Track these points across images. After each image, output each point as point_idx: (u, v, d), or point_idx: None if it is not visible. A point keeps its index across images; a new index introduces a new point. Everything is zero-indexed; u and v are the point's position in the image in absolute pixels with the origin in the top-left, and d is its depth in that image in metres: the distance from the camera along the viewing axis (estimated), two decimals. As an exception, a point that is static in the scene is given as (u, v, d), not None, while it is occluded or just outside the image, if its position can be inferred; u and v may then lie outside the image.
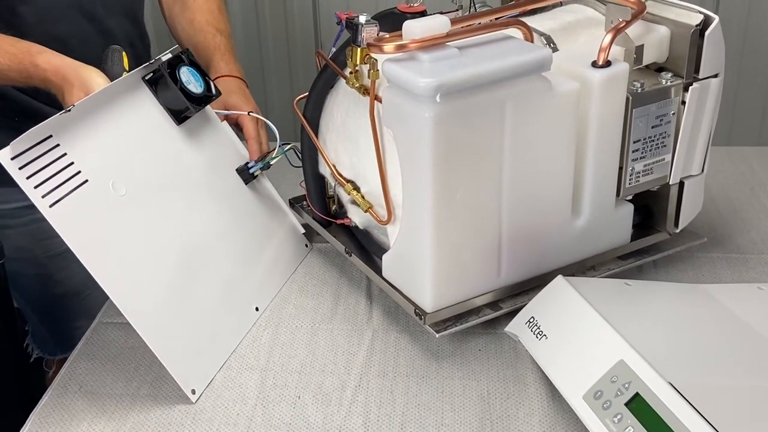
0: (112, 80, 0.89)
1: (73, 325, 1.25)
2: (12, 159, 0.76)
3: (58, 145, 0.80)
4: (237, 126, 1.06)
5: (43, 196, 0.77)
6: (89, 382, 0.88)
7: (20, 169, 0.76)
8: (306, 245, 1.10)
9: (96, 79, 0.89)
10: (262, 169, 1.03)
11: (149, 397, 0.85)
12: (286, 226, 1.09)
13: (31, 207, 0.82)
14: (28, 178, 0.77)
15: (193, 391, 0.85)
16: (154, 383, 0.87)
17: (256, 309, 0.97)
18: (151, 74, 0.92)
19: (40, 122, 0.79)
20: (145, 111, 0.92)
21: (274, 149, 1.03)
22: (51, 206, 0.78)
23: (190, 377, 0.85)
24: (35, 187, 0.77)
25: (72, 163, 0.81)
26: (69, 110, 0.80)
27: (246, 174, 1.03)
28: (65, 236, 0.78)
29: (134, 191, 0.86)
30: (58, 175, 0.79)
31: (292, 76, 2.07)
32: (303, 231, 1.10)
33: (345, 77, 0.90)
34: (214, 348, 0.90)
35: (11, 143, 0.75)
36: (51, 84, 0.91)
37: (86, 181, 0.81)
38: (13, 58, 0.93)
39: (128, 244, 0.85)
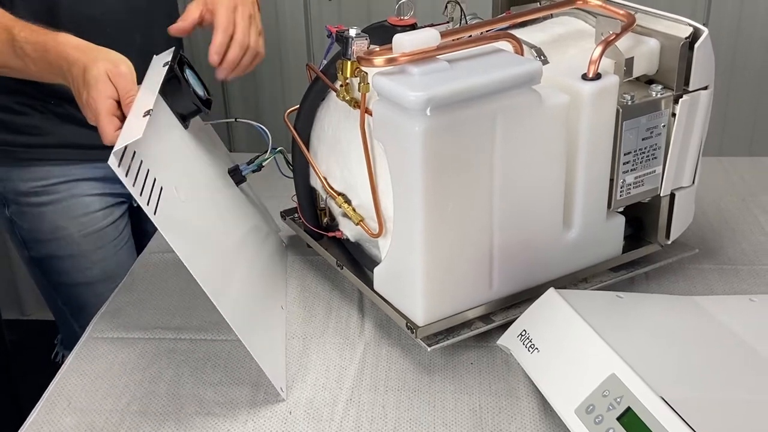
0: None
1: None
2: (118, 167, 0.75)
3: (135, 151, 0.79)
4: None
5: (147, 203, 0.77)
6: (78, 398, 0.87)
7: (126, 176, 0.75)
8: (283, 243, 1.12)
9: (119, 56, 0.87)
10: (254, 171, 1.03)
11: (139, 414, 0.84)
12: (271, 225, 1.11)
13: (67, 182, 0.81)
14: (133, 185, 0.76)
15: (282, 389, 0.85)
16: (143, 399, 0.86)
17: (282, 308, 0.98)
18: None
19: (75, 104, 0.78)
20: (167, 116, 0.92)
21: (266, 152, 1.03)
22: (154, 213, 0.77)
23: (277, 375, 0.86)
24: (140, 194, 0.76)
25: (148, 170, 0.80)
26: (149, 113, 0.80)
27: (238, 176, 1.03)
28: (171, 242, 0.77)
29: (187, 195, 0.87)
30: (146, 182, 0.79)
31: (284, 89, 2.07)
32: (279, 230, 1.12)
33: (335, 90, 0.90)
34: (276, 344, 0.90)
35: (113, 152, 0.74)
36: (70, 58, 0.88)
37: (162, 188, 0.81)
38: (33, 34, 0.92)
39: (203, 246, 0.86)
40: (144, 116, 0.80)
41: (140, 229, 1.34)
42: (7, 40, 0.96)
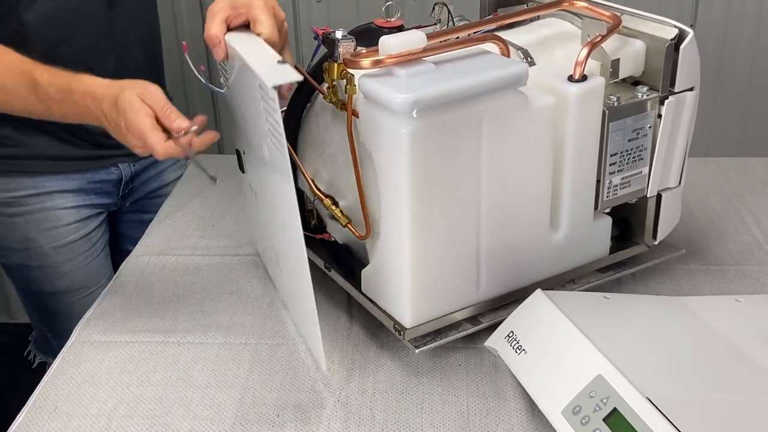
0: None
1: (76, 324, 1.26)
2: None
3: None
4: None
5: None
6: (64, 402, 0.86)
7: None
8: None
9: (144, 81, 0.87)
10: None
11: (126, 417, 0.84)
12: None
13: (39, 195, 0.80)
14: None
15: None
16: (130, 403, 0.86)
17: None
18: None
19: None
20: None
21: None
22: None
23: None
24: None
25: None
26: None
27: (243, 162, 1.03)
28: None
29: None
30: None
31: (273, 90, 2.07)
32: None
33: (322, 92, 0.90)
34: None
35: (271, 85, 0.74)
36: (97, 95, 0.89)
37: None
38: (55, 77, 0.92)
39: None
40: (280, 63, 0.80)
41: (117, 232, 1.33)
42: (28, 84, 0.95)
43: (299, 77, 0.78)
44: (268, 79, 0.75)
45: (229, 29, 0.90)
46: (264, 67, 0.80)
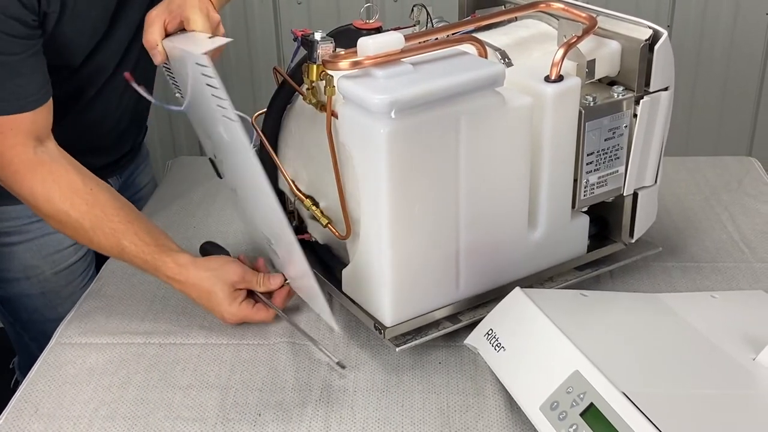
0: None
1: None
2: None
3: None
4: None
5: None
6: (45, 404, 0.86)
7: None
8: None
9: (227, 269, 0.94)
10: None
11: (107, 419, 0.84)
12: None
13: (39, 221, 0.80)
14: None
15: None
16: (112, 405, 0.86)
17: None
18: None
19: None
20: None
21: None
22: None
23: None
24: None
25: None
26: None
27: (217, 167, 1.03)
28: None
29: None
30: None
31: (254, 93, 2.06)
32: None
33: (302, 93, 0.91)
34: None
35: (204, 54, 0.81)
36: (180, 283, 0.95)
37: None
38: (142, 249, 0.96)
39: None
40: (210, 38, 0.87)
41: None
42: (116, 247, 0.97)
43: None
44: (197, 50, 0.80)
45: (169, 34, 0.92)
46: (195, 45, 0.84)
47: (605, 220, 1.02)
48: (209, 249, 1.04)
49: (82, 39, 1.01)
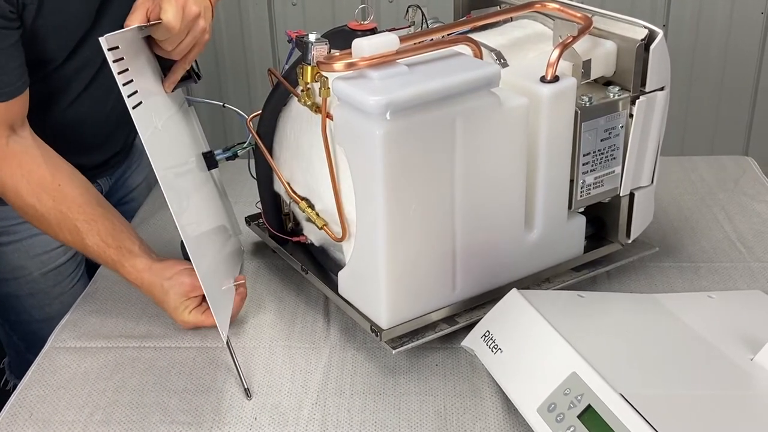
0: None
1: None
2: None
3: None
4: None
5: (127, 95, 0.83)
6: (40, 409, 0.86)
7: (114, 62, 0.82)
8: (242, 247, 1.13)
9: (182, 278, 0.95)
10: (228, 158, 1.03)
11: (102, 424, 0.83)
12: (235, 226, 1.12)
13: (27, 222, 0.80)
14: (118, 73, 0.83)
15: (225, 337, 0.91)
16: (107, 409, 0.85)
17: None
18: None
19: None
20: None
21: (244, 142, 1.02)
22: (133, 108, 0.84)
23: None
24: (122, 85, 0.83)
25: (132, 80, 0.86)
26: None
27: (211, 160, 1.02)
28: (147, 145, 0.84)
29: (165, 128, 0.93)
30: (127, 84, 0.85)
31: (250, 94, 2.06)
32: (240, 233, 1.13)
33: (297, 95, 0.90)
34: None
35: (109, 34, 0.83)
36: (143, 286, 0.96)
37: (141, 102, 0.87)
38: (105, 250, 0.96)
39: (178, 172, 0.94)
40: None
41: None
42: (78, 242, 0.97)
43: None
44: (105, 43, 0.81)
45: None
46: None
47: (602, 220, 1.02)
48: (182, 249, 1.03)
49: (63, 33, 1.00)
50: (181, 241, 1.01)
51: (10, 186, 0.95)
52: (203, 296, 0.94)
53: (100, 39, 0.81)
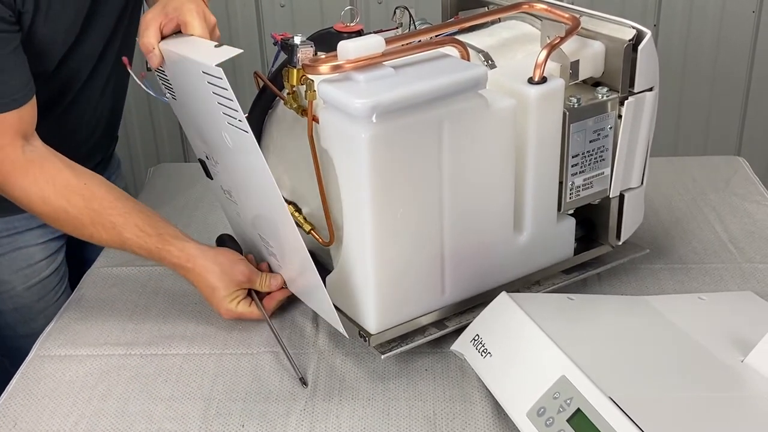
0: None
1: None
2: None
3: None
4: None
5: None
6: (25, 418, 0.85)
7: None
8: None
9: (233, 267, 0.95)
10: None
11: (87, 432, 0.83)
12: None
13: (10, 235, 0.78)
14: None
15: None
16: (92, 418, 0.84)
17: None
18: None
19: None
20: None
21: None
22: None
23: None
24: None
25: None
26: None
27: (206, 168, 1.01)
28: None
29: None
30: None
31: (237, 97, 2.05)
32: None
33: (283, 98, 0.89)
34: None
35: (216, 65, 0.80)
36: (185, 270, 0.95)
37: None
38: (146, 240, 0.95)
39: None
40: (217, 46, 0.86)
41: (83, 259, 1.30)
42: (117, 241, 0.96)
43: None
44: (210, 61, 0.78)
45: (165, 37, 0.91)
46: (203, 53, 0.83)
47: (592, 222, 1.01)
48: (227, 241, 1.03)
49: (55, 42, 1.00)
50: (220, 235, 1.03)
51: (35, 193, 0.93)
52: (249, 290, 0.96)
53: (215, 68, 0.78)
